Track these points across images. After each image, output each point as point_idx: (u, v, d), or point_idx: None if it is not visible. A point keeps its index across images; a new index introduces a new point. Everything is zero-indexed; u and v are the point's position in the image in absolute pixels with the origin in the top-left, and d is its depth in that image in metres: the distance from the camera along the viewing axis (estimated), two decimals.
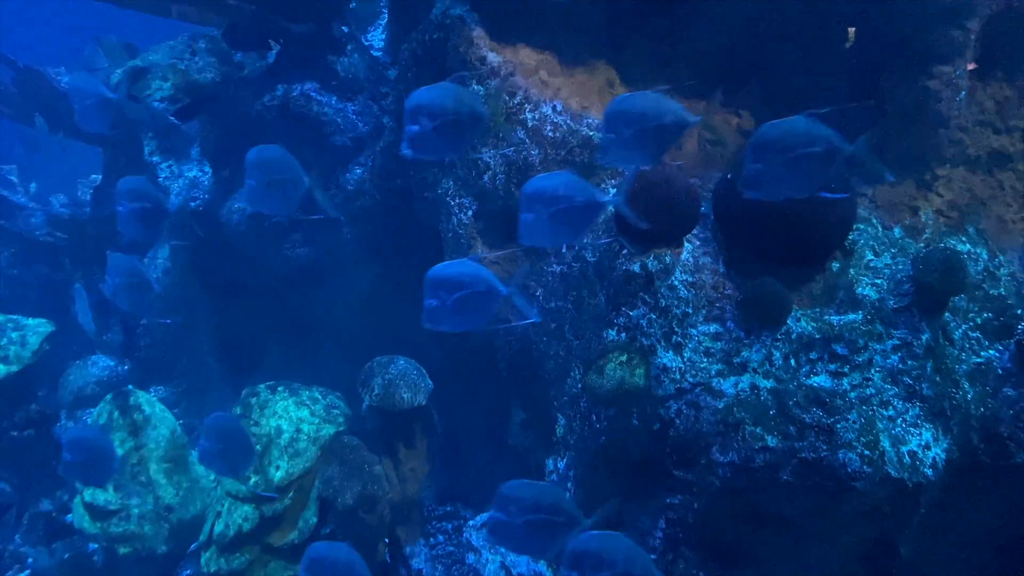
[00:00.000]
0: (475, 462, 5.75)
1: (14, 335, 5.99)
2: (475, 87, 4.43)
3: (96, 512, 5.12)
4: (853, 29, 4.32)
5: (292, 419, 5.01)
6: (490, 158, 4.48)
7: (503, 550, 4.53)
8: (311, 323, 6.34)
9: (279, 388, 5.22)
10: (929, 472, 3.35)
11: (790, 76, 4.40)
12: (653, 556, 3.70)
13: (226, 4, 5.22)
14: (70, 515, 5.30)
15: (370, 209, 5.74)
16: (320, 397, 5.28)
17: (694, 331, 3.77)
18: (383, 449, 5.06)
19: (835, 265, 3.81)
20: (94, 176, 10.36)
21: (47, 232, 7.96)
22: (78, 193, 10.54)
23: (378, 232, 5.76)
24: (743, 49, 4.51)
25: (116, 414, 5.33)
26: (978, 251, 3.97)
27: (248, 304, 6.38)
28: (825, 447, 3.29)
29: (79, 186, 10.97)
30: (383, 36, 6.33)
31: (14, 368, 5.77)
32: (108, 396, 5.49)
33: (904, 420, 3.43)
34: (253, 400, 5.09)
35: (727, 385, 3.59)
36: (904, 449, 3.36)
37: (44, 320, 6.28)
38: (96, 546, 5.39)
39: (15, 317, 6.13)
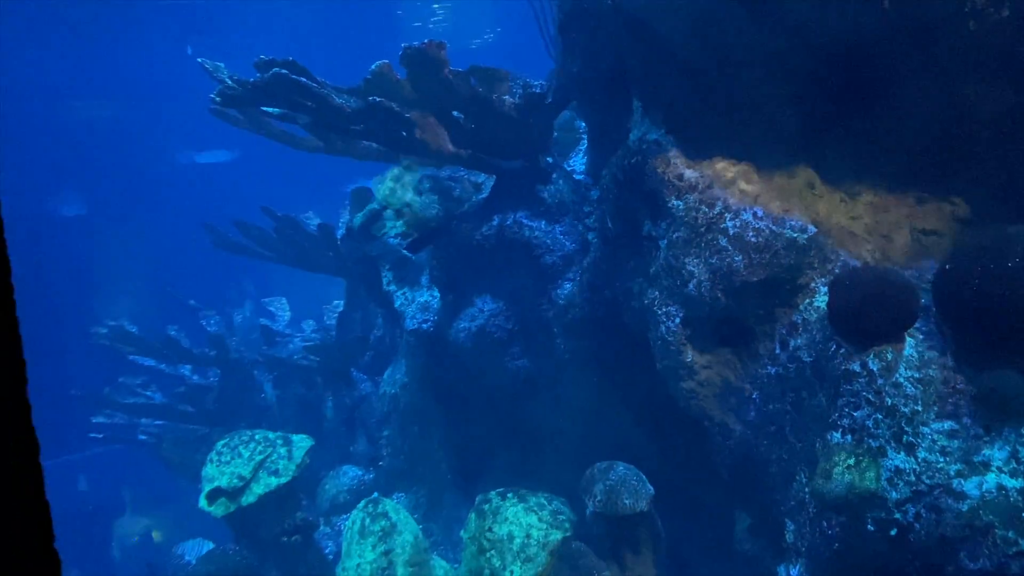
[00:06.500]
0: (702, 568, 5.68)
1: (282, 450, 6.89)
2: (674, 202, 4.70)
3: None
4: None
5: (522, 525, 5.30)
6: (694, 267, 4.67)
7: None
8: (532, 430, 6.71)
9: (508, 495, 5.55)
10: None
11: (1006, 159, 4.24)
12: None
13: (446, 152, 5.96)
14: None
15: (581, 320, 6.09)
16: (546, 503, 5.54)
17: (926, 429, 3.64)
18: (609, 555, 5.19)
19: None
20: (336, 302, 11.71)
21: (303, 356, 9.12)
22: (324, 318, 11.93)
23: (590, 342, 6.07)
24: (952, 136, 4.41)
25: (367, 521, 5.92)
26: None
27: (476, 414, 6.90)
28: None
29: (324, 312, 12.42)
30: (584, 160, 6.84)
31: (284, 480, 6.61)
32: (360, 504, 6.13)
33: None
34: (486, 507, 5.46)
35: (970, 486, 3.40)
36: None
37: (305, 435, 7.18)
38: None
39: (283, 434, 7.05)
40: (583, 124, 7.03)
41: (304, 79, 5.41)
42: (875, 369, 3.79)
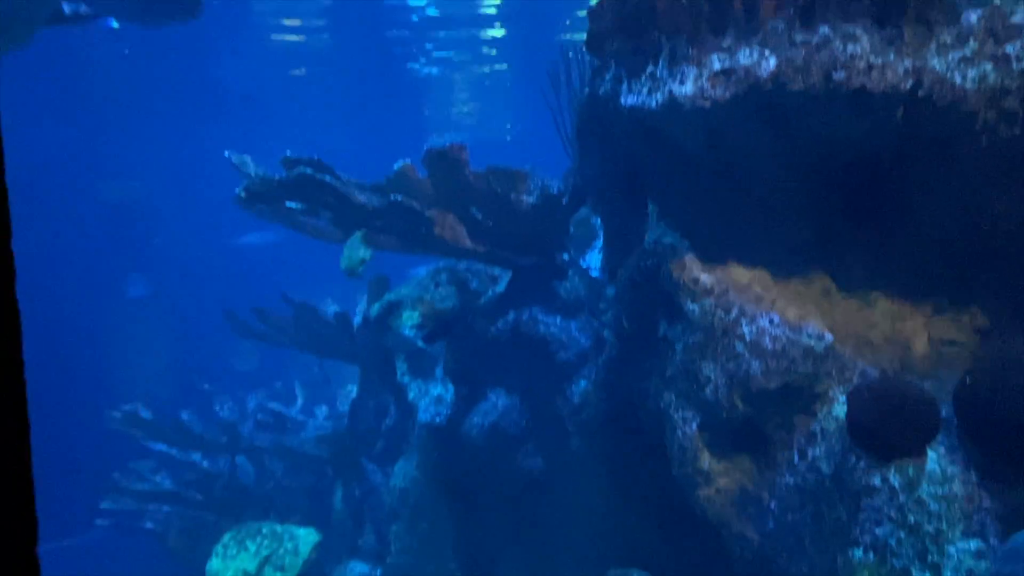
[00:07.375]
0: None
1: (289, 545, 6.75)
2: (690, 306, 4.71)
3: None
4: None
5: None
6: (711, 371, 4.64)
7: None
8: (545, 530, 6.55)
9: None
10: None
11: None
12: None
13: (463, 247, 6.05)
14: None
15: (595, 419, 6.02)
16: None
17: (952, 548, 3.52)
18: None
19: None
20: (350, 386, 11.66)
21: (314, 446, 9.03)
22: (337, 404, 11.86)
23: (605, 441, 5.98)
24: (969, 245, 4.42)
25: None
26: None
27: (487, 512, 6.75)
28: None
29: (337, 396, 12.37)
30: (599, 256, 6.90)
31: None
32: None
33: None
34: None
35: None
36: None
37: (312, 529, 7.04)
38: None
39: (290, 528, 6.93)
40: (599, 220, 7.12)
41: (328, 177, 5.56)
42: (896, 485, 3.70)
